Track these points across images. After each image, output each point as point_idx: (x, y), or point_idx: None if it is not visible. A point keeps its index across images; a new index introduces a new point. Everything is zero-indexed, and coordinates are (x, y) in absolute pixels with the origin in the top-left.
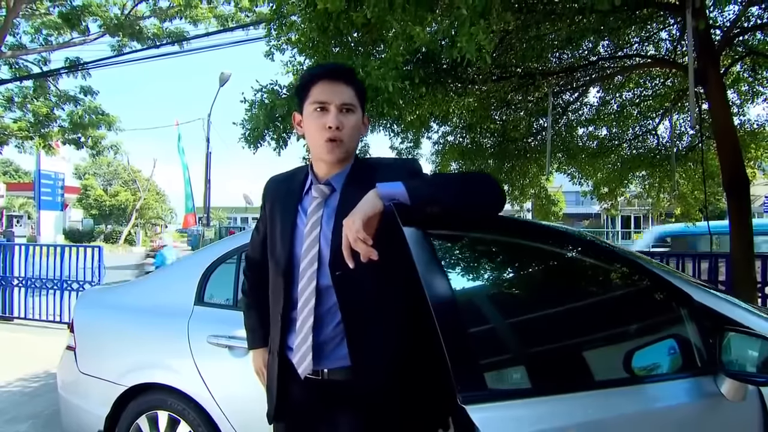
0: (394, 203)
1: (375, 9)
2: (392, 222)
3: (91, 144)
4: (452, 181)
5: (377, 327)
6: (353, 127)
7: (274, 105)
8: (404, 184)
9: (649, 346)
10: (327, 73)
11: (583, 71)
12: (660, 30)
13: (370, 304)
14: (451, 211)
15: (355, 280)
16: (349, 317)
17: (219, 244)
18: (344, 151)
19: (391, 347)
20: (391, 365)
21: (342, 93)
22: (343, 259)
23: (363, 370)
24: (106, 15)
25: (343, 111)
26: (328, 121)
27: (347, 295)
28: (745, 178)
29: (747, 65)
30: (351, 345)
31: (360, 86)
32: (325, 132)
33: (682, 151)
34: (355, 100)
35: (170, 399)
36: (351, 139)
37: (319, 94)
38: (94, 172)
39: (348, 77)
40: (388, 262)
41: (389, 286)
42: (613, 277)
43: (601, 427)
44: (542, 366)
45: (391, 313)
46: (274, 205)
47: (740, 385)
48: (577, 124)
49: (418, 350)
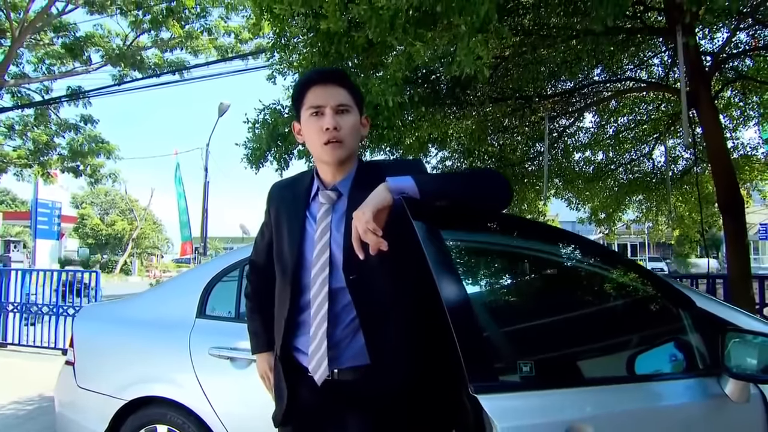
0: (404, 197)
1: (376, 29)
2: (402, 218)
3: (89, 172)
4: (461, 176)
5: (392, 324)
6: (351, 127)
7: (277, 124)
8: (413, 178)
9: (652, 348)
10: (319, 77)
11: (578, 95)
12: (653, 57)
13: (384, 302)
14: (460, 205)
15: (368, 281)
16: (365, 317)
17: (221, 258)
18: (346, 151)
19: (405, 345)
20: (405, 363)
21: (336, 95)
22: (357, 262)
23: (380, 368)
24: (108, 46)
25: (339, 112)
26: (325, 123)
27: (362, 295)
28: (741, 199)
29: (737, 90)
30: (369, 343)
31: (354, 87)
32: (323, 135)
33: (677, 174)
34: (350, 101)
35: (170, 413)
36: (351, 139)
37: (313, 98)
38: (91, 201)
39: (340, 79)
40: (399, 258)
41: (402, 284)
42: (619, 280)
43: (606, 421)
44: (549, 361)
45: (405, 310)
46: (279, 211)
47: (743, 386)
48: (574, 149)
49: (430, 349)
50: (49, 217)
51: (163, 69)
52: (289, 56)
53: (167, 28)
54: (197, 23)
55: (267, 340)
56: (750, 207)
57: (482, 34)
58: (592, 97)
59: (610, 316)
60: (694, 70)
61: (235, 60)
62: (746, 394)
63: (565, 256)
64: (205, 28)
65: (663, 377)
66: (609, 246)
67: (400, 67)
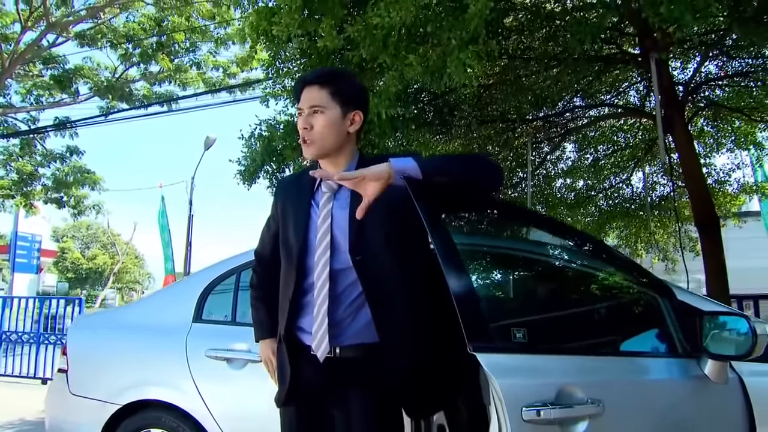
0: (406, 178)
1: (370, 48)
2: (407, 203)
3: (73, 203)
4: (459, 157)
5: (399, 304)
6: (323, 126)
7: (273, 138)
8: (414, 158)
9: (635, 331)
10: (303, 81)
11: (560, 119)
12: (629, 87)
13: (391, 282)
14: (457, 184)
15: (374, 261)
16: (372, 295)
17: (217, 265)
18: (317, 149)
19: (413, 325)
20: (413, 344)
21: (312, 97)
22: (363, 244)
23: (387, 348)
24: (96, 78)
25: (312, 113)
26: (299, 123)
27: (368, 275)
28: (715, 216)
29: (709, 118)
30: (376, 321)
31: (341, 85)
32: (301, 133)
33: (655, 200)
34: (327, 101)
35: (165, 416)
36: (322, 138)
37: (300, 102)
38: (72, 234)
39: (322, 80)
40: (404, 241)
41: (407, 265)
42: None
43: (596, 387)
44: (540, 330)
45: (411, 290)
46: (285, 202)
47: (721, 367)
48: (556, 176)
49: (438, 332)
50: (29, 250)
51: (151, 100)
52: (282, 80)
53: (156, 61)
54: (186, 57)
55: (270, 327)
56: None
57: (472, 46)
58: (573, 122)
59: (600, 296)
60: (668, 97)
61: (222, 92)
62: (724, 375)
63: (560, 244)
64: (194, 62)
65: (647, 355)
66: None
67: (394, 83)
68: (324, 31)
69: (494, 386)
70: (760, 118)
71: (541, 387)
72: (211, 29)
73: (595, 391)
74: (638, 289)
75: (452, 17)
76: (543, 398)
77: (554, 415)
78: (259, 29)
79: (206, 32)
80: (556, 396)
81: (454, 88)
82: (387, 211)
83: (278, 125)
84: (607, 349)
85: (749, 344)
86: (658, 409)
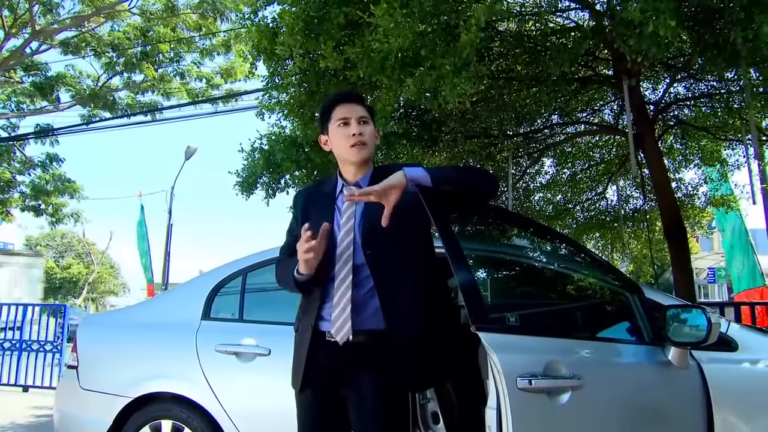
0: (418, 185)
1: (368, 69)
2: (414, 204)
3: (51, 212)
4: (462, 168)
5: (405, 292)
6: (371, 134)
7: (274, 151)
8: (424, 168)
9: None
10: (343, 97)
11: (539, 135)
12: (603, 106)
13: (398, 273)
14: (460, 191)
15: (383, 255)
16: (380, 284)
17: (224, 267)
18: (367, 152)
19: (417, 310)
20: (416, 326)
21: (358, 109)
22: (373, 240)
23: (393, 331)
24: (78, 86)
25: (360, 122)
26: (352, 130)
27: (378, 267)
28: (682, 226)
29: (678, 135)
30: (384, 307)
31: (368, 106)
32: (350, 139)
33: (628, 213)
34: (367, 115)
35: (175, 408)
36: (371, 142)
37: (340, 113)
38: (46, 243)
39: (359, 98)
40: (411, 237)
41: (414, 259)
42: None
43: (576, 364)
44: (529, 316)
45: (416, 281)
46: (308, 207)
47: (683, 353)
48: (535, 190)
49: (439, 312)
50: None
51: (135, 110)
52: (279, 95)
53: (140, 70)
54: (170, 67)
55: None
56: (698, 253)
57: (464, 72)
58: (551, 138)
59: (581, 291)
60: (639, 115)
61: (206, 104)
62: (685, 361)
63: (548, 247)
64: (178, 72)
65: (619, 341)
66: None
67: (389, 102)
68: (326, 53)
69: (493, 359)
70: (724, 136)
71: (531, 361)
72: (196, 41)
73: (576, 368)
74: (613, 287)
75: (445, 44)
76: (533, 371)
77: (543, 385)
78: (260, 48)
79: (191, 43)
80: (543, 369)
81: (440, 105)
82: (394, 211)
83: (279, 141)
84: (586, 334)
85: (705, 333)
86: (629, 388)
